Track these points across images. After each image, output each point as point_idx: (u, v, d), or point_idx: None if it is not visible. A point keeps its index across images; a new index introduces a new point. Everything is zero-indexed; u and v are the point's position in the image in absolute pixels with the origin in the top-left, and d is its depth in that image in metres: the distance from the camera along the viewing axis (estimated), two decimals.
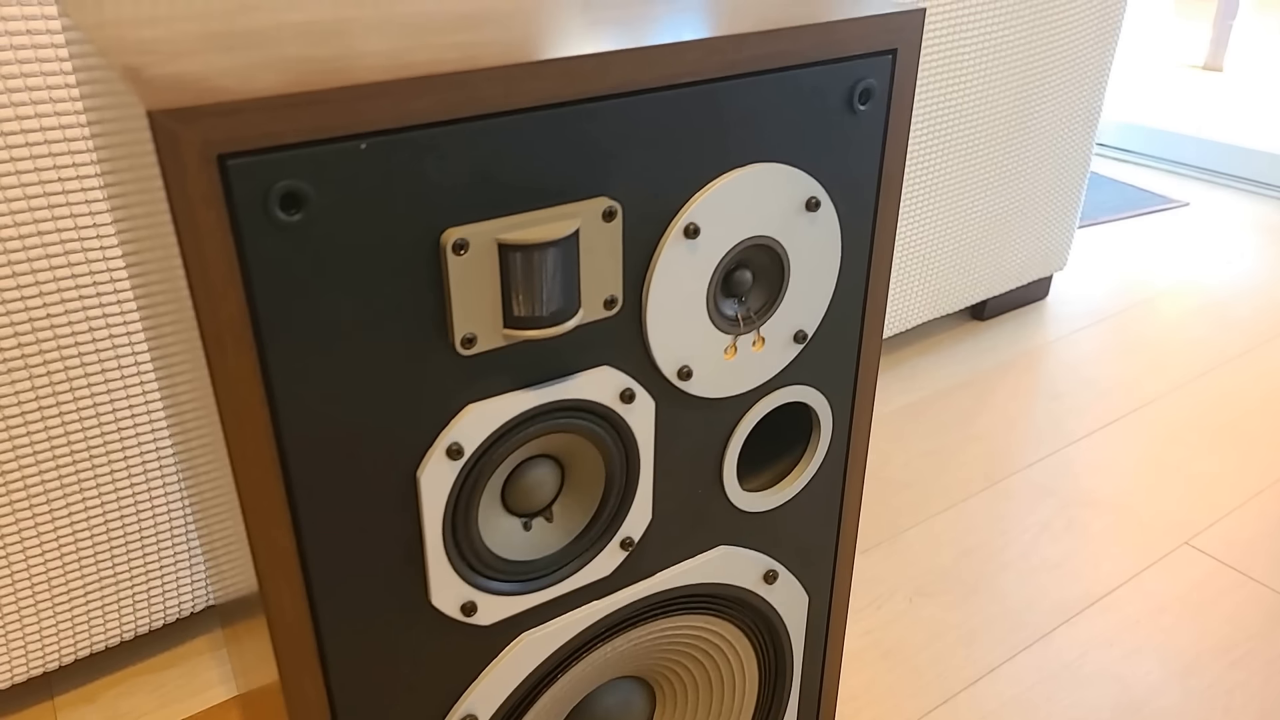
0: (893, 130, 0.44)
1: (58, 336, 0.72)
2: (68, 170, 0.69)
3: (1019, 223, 1.37)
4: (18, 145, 0.66)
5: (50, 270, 0.70)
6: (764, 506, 0.51)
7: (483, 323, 0.37)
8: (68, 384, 0.74)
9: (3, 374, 0.71)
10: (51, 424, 0.75)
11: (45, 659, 0.81)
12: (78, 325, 0.73)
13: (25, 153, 0.67)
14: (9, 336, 0.70)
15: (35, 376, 0.72)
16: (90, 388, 0.75)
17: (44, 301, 0.71)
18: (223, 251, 0.31)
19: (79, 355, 0.74)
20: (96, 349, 0.74)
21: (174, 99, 0.29)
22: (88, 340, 0.74)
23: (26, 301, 0.70)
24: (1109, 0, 1.30)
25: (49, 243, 0.70)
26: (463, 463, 0.39)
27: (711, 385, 0.45)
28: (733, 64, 0.38)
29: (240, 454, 0.34)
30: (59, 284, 0.71)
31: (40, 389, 0.73)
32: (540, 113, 0.35)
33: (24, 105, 0.66)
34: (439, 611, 0.41)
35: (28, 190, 0.68)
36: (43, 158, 0.67)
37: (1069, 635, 0.92)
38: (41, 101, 0.66)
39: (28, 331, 0.71)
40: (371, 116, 0.32)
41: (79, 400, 0.75)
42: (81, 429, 0.76)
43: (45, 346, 0.72)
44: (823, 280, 0.46)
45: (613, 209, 0.38)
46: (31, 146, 0.67)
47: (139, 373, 0.77)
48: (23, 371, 0.72)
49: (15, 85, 0.65)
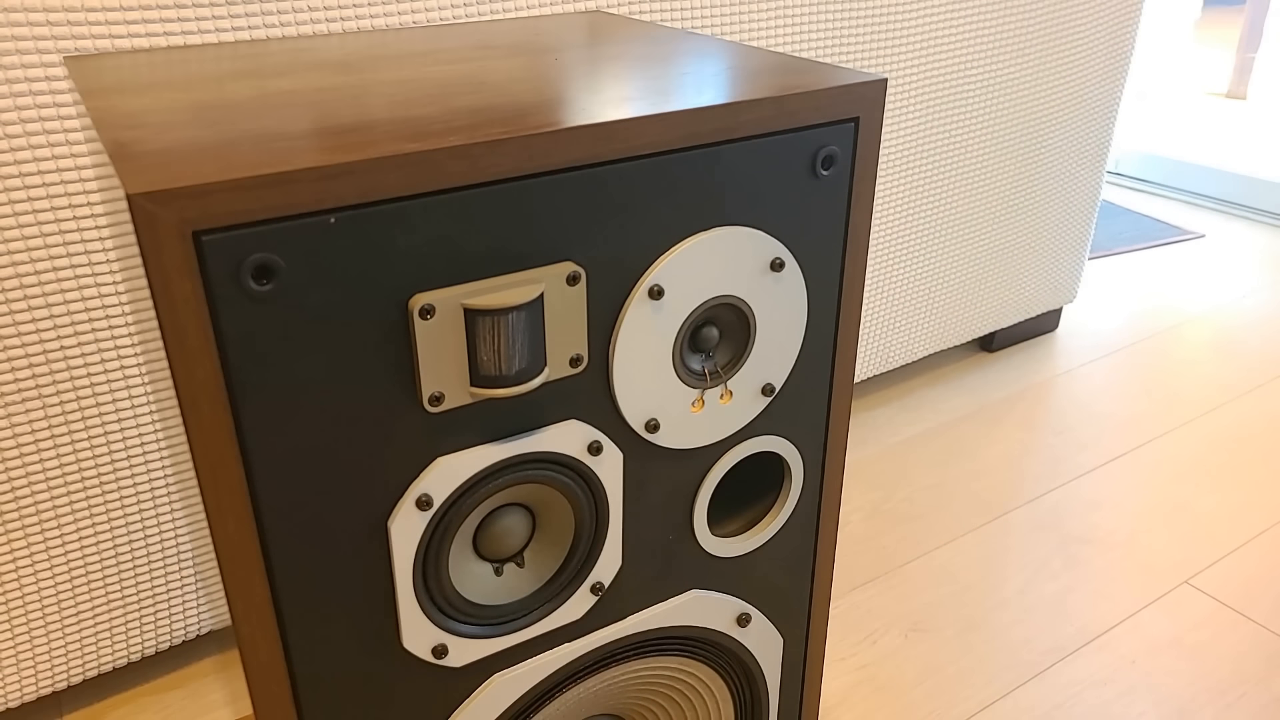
0: (857, 193, 0.46)
1: (70, 365, 0.75)
2: (82, 208, 0.72)
3: (1028, 255, 1.38)
4: (35, 185, 0.69)
5: (64, 302, 0.73)
6: (736, 552, 0.52)
7: (450, 382, 0.39)
8: (79, 410, 0.77)
9: (17, 400, 0.74)
10: (63, 449, 0.77)
11: (55, 678, 0.83)
12: (89, 354, 0.76)
13: (42, 191, 0.70)
14: (23, 365, 0.73)
15: (48, 404, 0.75)
16: (100, 414, 0.78)
17: (57, 331, 0.74)
18: (198, 319, 0.33)
19: (90, 383, 0.76)
20: (107, 377, 0.77)
21: (152, 181, 0.31)
22: (99, 368, 0.76)
23: (40, 332, 0.73)
24: (1118, 34, 1.31)
25: (63, 276, 0.73)
26: (432, 513, 0.41)
27: (679, 437, 0.46)
28: (693, 135, 0.40)
29: (215, 507, 0.36)
30: (72, 315, 0.74)
31: (52, 415, 0.76)
32: (503, 185, 0.37)
33: (42, 147, 0.69)
34: (410, 654, 0.43)
35: (44, 228, 0.71)
36: (59, 197, 0.70)
37: (1064, 673, 0.92)
38: (59, 144, 0.69)
39: (41, 360, 0.74)
40: (339, 193, 0.34)
41: (89, 427, 0.78)
42: (92, 454, 0.79)
43: (58, 374, 0.75)
44: (789, 336, 0.47)
45: (576, 273, 0.40)
46: (48, 186, 0.70)
47: (148, 401, 0.79)
48: (36, 400, 0.75)
49: (34, 129, 0.68)
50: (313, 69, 0.48)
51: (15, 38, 0.66)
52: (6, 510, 0.76)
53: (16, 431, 0.75)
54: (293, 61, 0.50)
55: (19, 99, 0.67)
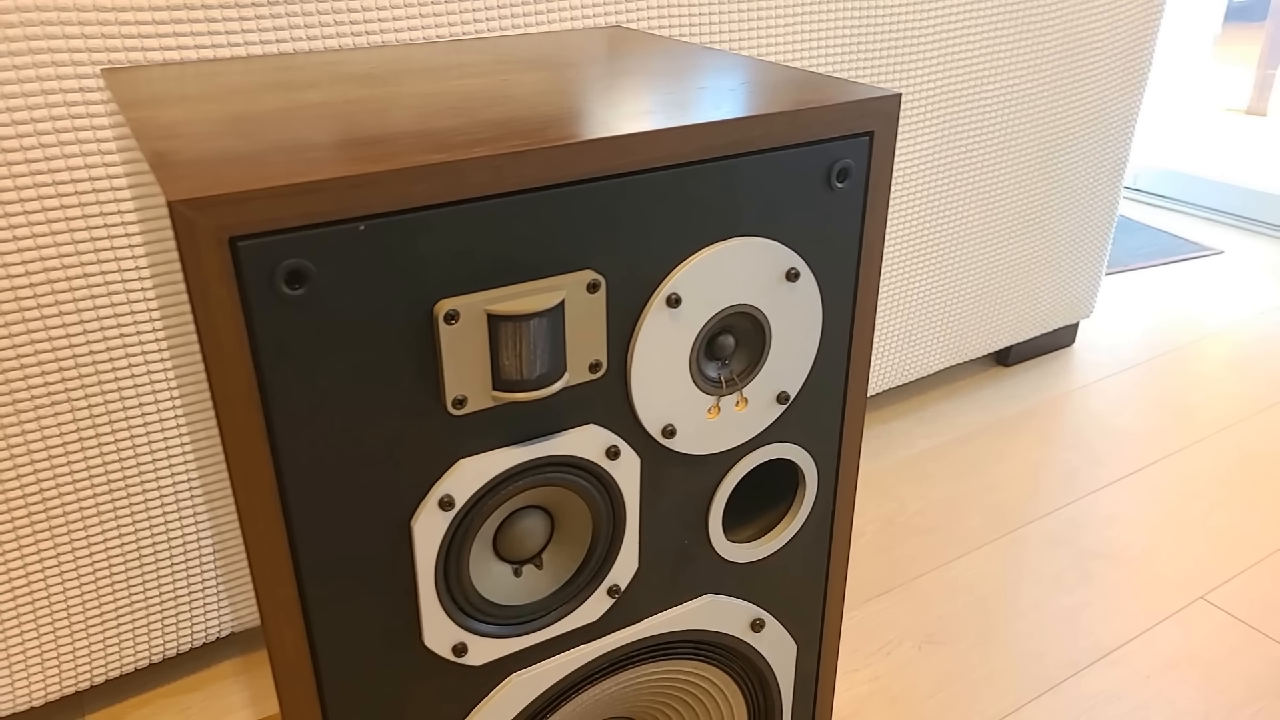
0: (871, 204, 0.47)
1: (99, 371, 0.77)
2: (113, 218, 0.73)
3: (1044, 269, 1.38)
4: (68, 194, 0.71)
5: (94, 308, 0.75)
6: (751, 557, 0.53)
7: (473, 385, 0.40)
8: (106, 416, 0.78)
9: (47, 404, 0.75)
10: (90, 453, 0.79)
11: (78, 678, 0.85)
12: (116, 359, 0.77)
13: (74, 200, 0.71)
14: (53, 369, 0.75)
15: (76, 408, 0.77)
16: (127, 418, 0.79)
17: (86, 337, 0.75)
18: (233, 323, 0.34)
19: (117, 387, 0.78)
20: (134, 382, 0.79)
21: (191, 189, 0.32)
22: (125, 373, 0.78)
23: (70, 337, 0.75)
24: (1135, 50, 1.32)
25: (93, 282, 0.74)
26: (454, 514, 0.42)
27: (695, 443, 0.47)
28: (709, 149, 0.41)
29: (246, 507, 0.37)
30: (101, 320, 0.76)
31: (80, 419, 0.77)
32: (526, 195, 0.38)
33: (75, 156, 0.70)
34: (431, 652, 0.44)
35: (75, 234, 0.72)
36: (90, 206, 0.72)
37: (1078, 688, 0.92)
38: (91, 154, 0.71)
39: (70, 365, 0.75)
40: (369, 201, 0.35)
41: (116, 431, 0.79)
42: (118, 458, 0.80)
43: (86, 379, 0.77)
44: (804, 345, 0.48)
45: (596, 281, 0.41)
46: (80, 194, 0.72)
47: (173, 406, 0.81)
48: (65, 404, 0.76)
49: (68, 139, 0.70)
50: (339, 82, 0.49)
51: (51, 50, 0.68)
52: (35, 512, 0.78)
53: (46, 434, 0.76)
54: (320, 75, 0.51)
55: (54, 109, 0.69)
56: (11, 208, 0.70)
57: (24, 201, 0.70)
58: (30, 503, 0.77)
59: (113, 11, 0.69)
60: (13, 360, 0.73)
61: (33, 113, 0.68)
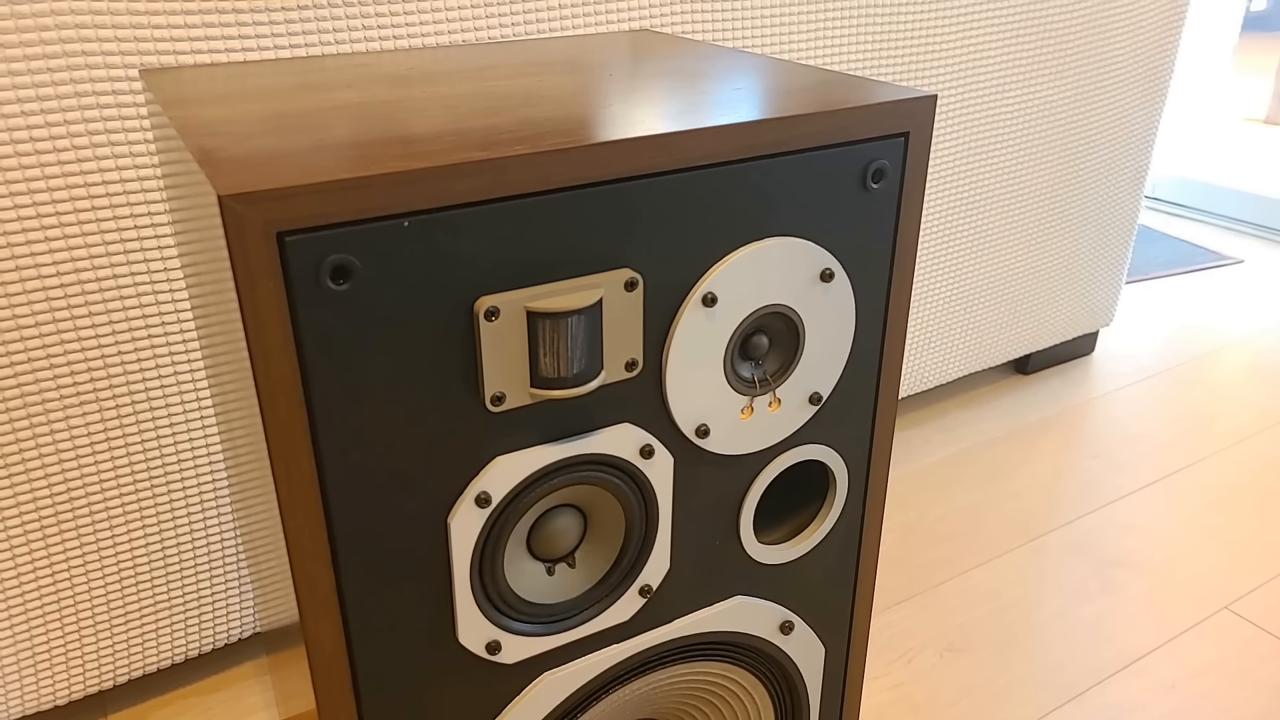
0: (906, 206, 0.47)
1: (127, 372, 0.77)
2: (143, 219, 0.74)
3: (1064, 278, 1.38)
4: (99, 195, 0.72)
5: (123, 311, 0.75)
6: (780, 559, 0.53)
7: (511, 382, 0.40)
8: (134, 417, 0.79)
9: (75, 405, 0.76)
10: (117, 454, 0.79)
11: (101, 678, 0.85)
12: (145, 361, 0.78)
13: (105, 202, 0.72)
14: (82, 369, 0.75)
15: (104, 408, 0.77)
16: (154, 421, 0.80)
17: (115, 337, 0.76)
18: (278, 317, 0.34)
19: (145, 388, 0.78)
20: (161, 383, 0.79)
21: (240, 183, 0.33)
22: (153, 374, 0.78)
23: (100, 337, 0.75)
24: (1157, 56, 1.32)
25: (123, 285, 0.75)
26: (490, 510, 0.42)
27: (728, 443, 0.47)
28: (748, 148, 0.41)
29: (287, 499, 0.37)
30: (130, 324, 0.76)
31: (108, 420, 0.78)
32: (566, 193, 0.38)
33: (106, 159, 0.71)
34: (465, 649, 0.44)
35: (105, 236, 0.73)
36: (121, 206, 0.73)
37: (1101, 697, 0.91)
38: (122, 155, 0.72)
39: (99, 365, 0.76)
40: (412, 198, 0.35)
41: (143, 431, 0.80)
42: (145, 460, 0.81)
43: (115, 381, 0.77)
44: (838, 346, 0.48)
45: (634, 279, 0.41)
46: (112, 197, 0.72)
47: (199, 408, 0.81)
48: (93, 404, 0.77)
49: (99, 140, 0.71)
50: (375, 83, 0.50)
51: (85, 52, 0.68)
52: (62, 511, 0.79)
53: (74, 434, 0.77)
54: (353, 76, 0.51)
55: (86, 110, 0.70)
56: (44, 208, 0.70)
57: (56, 202, 0.71)
58: (58, 502, 0.78)
59: (145, 15, 0.70)
60: (43, 360, 0.74)
61: (66, 114, 0.69)
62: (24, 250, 0.71)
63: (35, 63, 0.67)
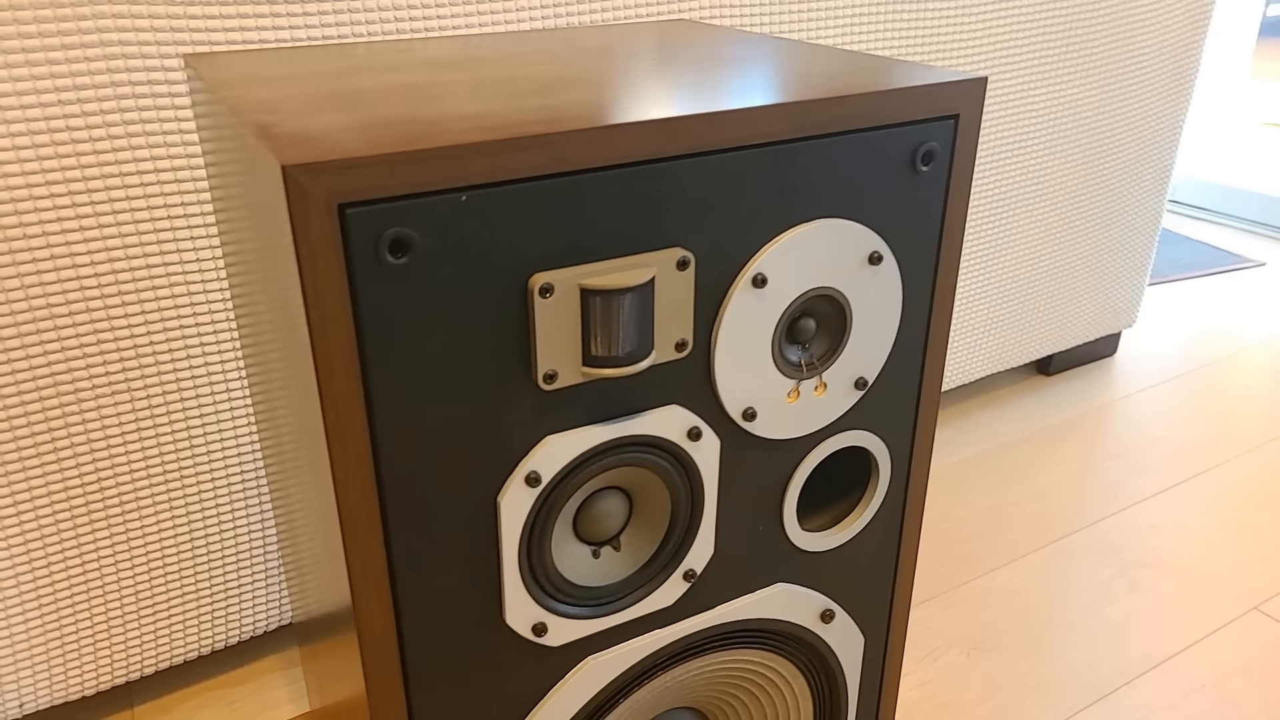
0: (954, 189, 0.47)
1: (158, 362, 0.77)
2: (176, 209, 0.74)
3: (1087, 278, 1.37)
4: (133, 185, 0.72)
5: (155, 300, 0.76)
6: (823, 546, 0.52)
7: (563, 361, 0.40)
8: (164, 407, 0.79)
9: (107, 394, 0.76)
10: (148, 444, 0.79)
11: (129, 669, 0.85)
12: (176, 351, 0.78)
13: (140, 192, 0.72)
14: (114, 358, 0.75)
15: (135, 397, 0.78)
16: (185, 412, 0.80)
17: (147, 326, 0.76)
18: (338, 289, 0.34)
19: (175, 378, 0.79)
20: (192, 373, 0.79)
21: (303, 155, 0.33)
22: (184, 364, 0.79)
23: (131, 326, 0.75)
24: (1182, 57, 1.31)
25: (155, 275, 0.75)
26: (540, 490, 0.42)
27: (774, 427, 0.47)
28: (800, 127, 0.41)
29: (342, 474, 0.37)
30: (162, 313, 0.76)
31: (139, 410, 0.78)
32: (620, 170, 0.38)
33: (141, 148, 0.71)
34: (512, 630, 0.44)
35: (140, 227, 0.73)
36: (155, 196, 0.73)
37: (1131, 697, 0.91)
38: (156, 144, 0.72)
39: (131, 354, 0.76)
40: (471, 172, 0.35)
41: (174, 423, 0.80)
42: (175, 450, 0.81)
43: (146, 371, 0.77)
44: (884, 330, 0.48)
45: (686, 259, 0.41)
46: (146, 187, 0.72)
47: (229, 399, 0.82)
48: (125, 395, 0.77)
49: (135, 129, 0.71)
50: (421, 66, 0.50)
51: (122, 43, 0.69)
52: (93, 501, 0.79)
53: (105, 423, 0.77)
54: (399, 60, 0.52)
55: (122, 100, 0.70)
56: (79, 198, 0.71)
57: (91, 192, 0.71)
58: (89, 492, 0.78)
59: (181, 6, 0.70)
60: (75, 349, 0.74)
61: (102, 104, 0.69)
62: (59, 239, 0.71)
63: (73, 52, 0.67)
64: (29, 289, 0.71)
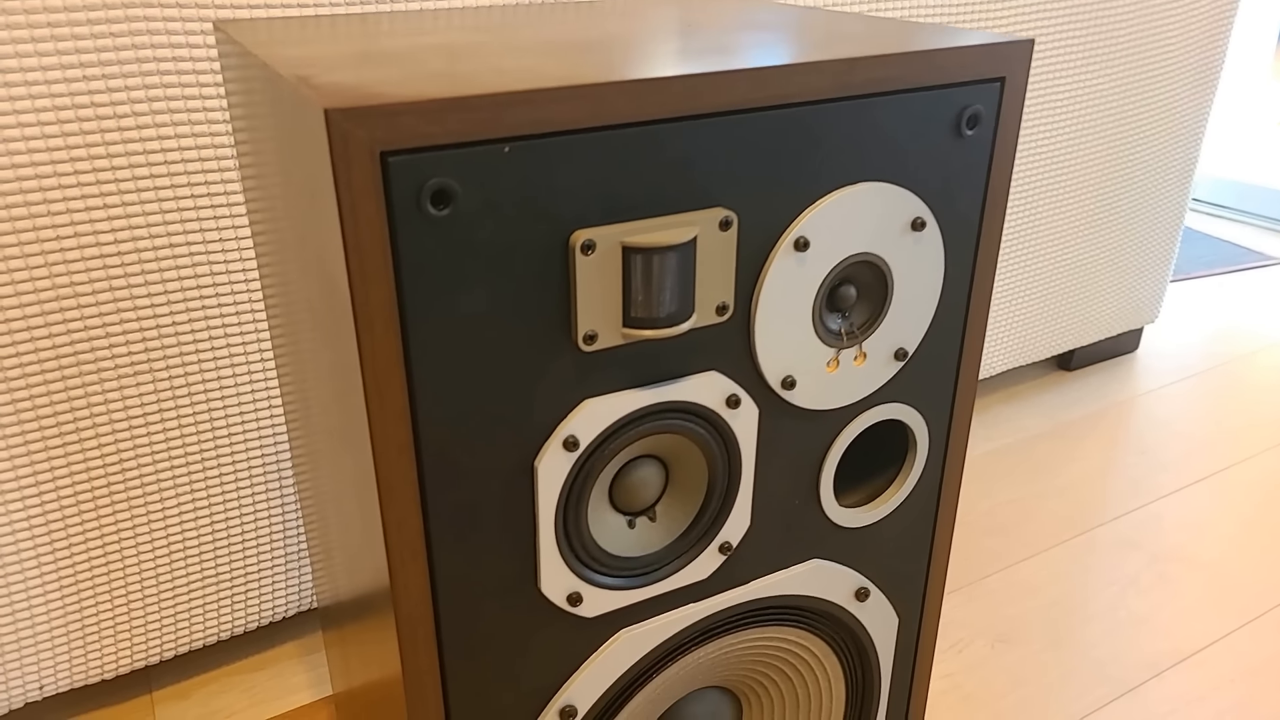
0: (998, 155, 0.46)
1: (180, 343, 0.77)
2: (200, 188, 0.74)
3: (1110, 272, 1.36)
4: (158, 164, 0.72)
5: (179, 280, 0.75)
6: (859, 523, 0.52)
7: (604, 321, 0.39)
8: (186, 388, 0.79)
9: (129, 374, 0.76)
10: (169, 425, 0.79)
11: (148, 653, 0.84)
12: (198, 331, 0.77)
13: (164, 170, 0.72)
14: (137, 338, 0.75)
15: (158, 379, 0.77)
16: (206, 394, 0.80)
17: (170, 307, 0.76)
18: (379, 240, 0.34)
19: (198, 359, 0.78)
20: (215, 357, 0.79)
21: (346, 100, 0.32)
22: (206, 345, 0.78)
23: (155, 306, 0.75)
24: (1208, 48, 1.30)
25: (178, 253, 0.75)
26: (577, 455, 0.41)
27: (813, 397, 0.46)
28: (845, 86, 0.40)
29: (380, 432, 0.36)
30: (185, 294, 0.76)
31: (161, 391, 0.78)
32: (664, 125, 0.37)
33: (165, 125, 0.71)
34: (547, 599, 0.43)
35: (163, 205, 0.73)
36: (179, 175, 0.72)
37: (1158, 690, 0.89)
38: (181, 124, 0.71)
39: (155, 339, 0.76)
40: (514, 123, 0.35)
41: (195, 405, 0.79)
42: (196, 432, 0.80)
43: (168, 350, 0.77)
44: (925, 299, 0.47)
45: (729, 219, 0.40)
46: (170, 165, 0.72)
47: (251, 381, 0.81)
48: (146, 375, 0.77)
49: (159, 107, 0.70)
50: (453, 30, 0.49)
51: (147, 17, 0.68)
52: (114, 482, 0.78)
53: (127, 403, 0.77)
54: (431, 25, 0.51)
55: (147, 76, 0.69)
56: (104, 174, 0.70)
57: (115, 169, 0.71)
58: (110, 472, 0.78)
59: None
60: (99, 328, 0.74)
61: (127, 80, 0.69)
62: (83, 217, 0.71)
63: (98, 26, 0.67)
64: (51, 264, 0.70)
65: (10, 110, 0.66)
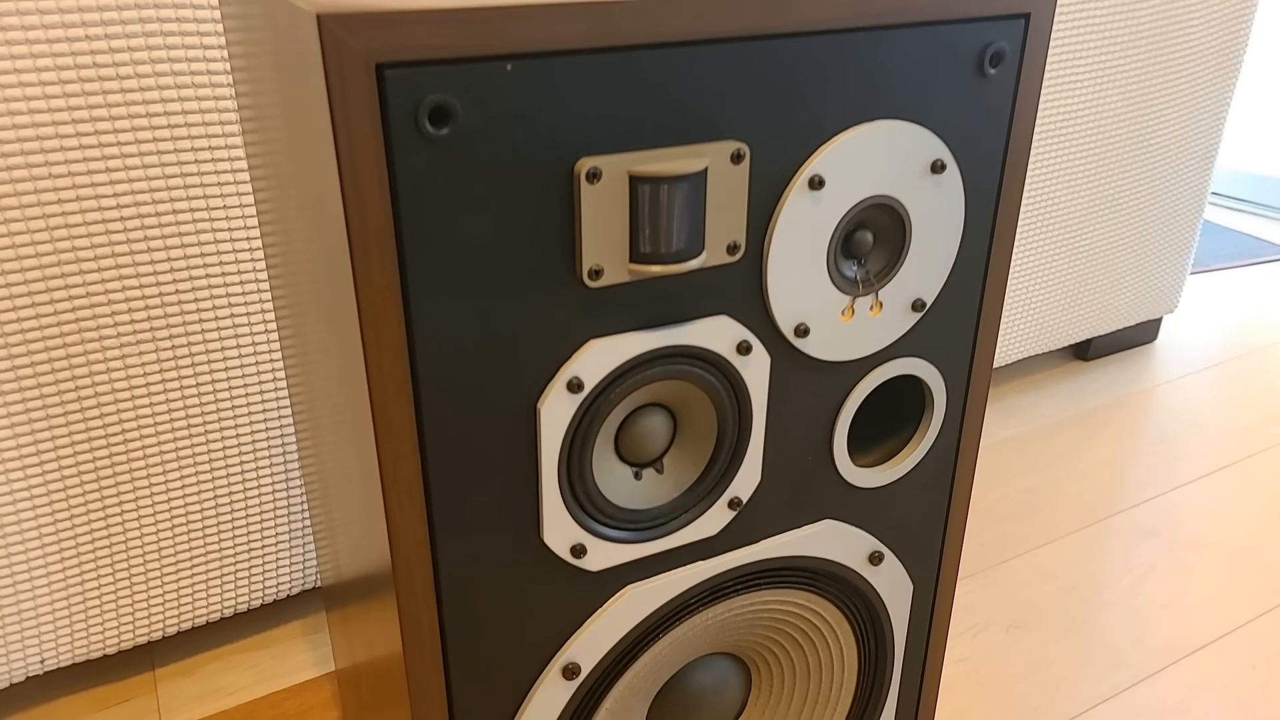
0: (1022, 96, 0.44)
1: (184, 312, 0.76)
2: (203, 152, 0.73)
3: (1129, 260, 1.34)
4: (160, 125, 0.70)
5: (182, 249, 0.74)
6: (873, 483, 0.50)
7: (610, 255, 0.37)
8: (189, 359, 0.77)
9: (131, 345, 0.75)
10: (173, 398, 0.78)
11: (150, 629, 0.83)
12: (202, 301, 0.76)
13: (166, 133, 0.71)
14: (140, 310, 0.74)
15: (160, 349, 0.76)
16: (210, 366, 0.78)
17: (174, 276, 0.74)
18: (375, 161, 0.32)
19: (201, 330, 0.77)
20: (219, 329, 0.78)
21: (340, 6, 0.31)
22: (210, 315, 0.77)
23: (158, 275, 0.74)
24: (1230, 31, 1.28)
25: (182, 222, 0.74)
26: (582, 398, 0.39)
27: (827, 347, 0.45)
28: (866, 15, 0.39)
29: (376, 368, 0.35)
30: (189, 262, 0.75)
31: (164, 361, 0.76)
32: (675, 49, 0.36)
33: (168, 88, 0.70)
34: (549, 550, 0.41)
35: (166, 170, 0.72)
36: (182, 139, 0.71)
37: (1176, 677, 0.87)
38: (184, 85, 0.70)
39: (158, 306, 0.75)
40: (518, 38, 0.33)
41: (199, 376, 0.78)
42: (200, 404, 0.79)
43: (172, 323, 0.76)
44: (944, 247, 0.46)
45: (741, 151, 0.38)
46: (173, 128, 0.71)
47: (255, 354, 0.80)
48: (150, 345, 0.76)
49: (162, 69, 0.69)
50: None
51: None
52: (116, 454, 0.77)
53: (130, 373, 0.75)
54: None
55: (150, 38, 0.68)
56: (105, 136, 0.69)
57: (118, 131, 0.70)
58: (111, 441, 0.77)
59: None
60: (101, 297, 0.73)
61: (130, 40, 0.68)
62: (85, 180, 0.70)
63: None
64: (54, 230, 0.69)
65: (11, 69, 0.65)
